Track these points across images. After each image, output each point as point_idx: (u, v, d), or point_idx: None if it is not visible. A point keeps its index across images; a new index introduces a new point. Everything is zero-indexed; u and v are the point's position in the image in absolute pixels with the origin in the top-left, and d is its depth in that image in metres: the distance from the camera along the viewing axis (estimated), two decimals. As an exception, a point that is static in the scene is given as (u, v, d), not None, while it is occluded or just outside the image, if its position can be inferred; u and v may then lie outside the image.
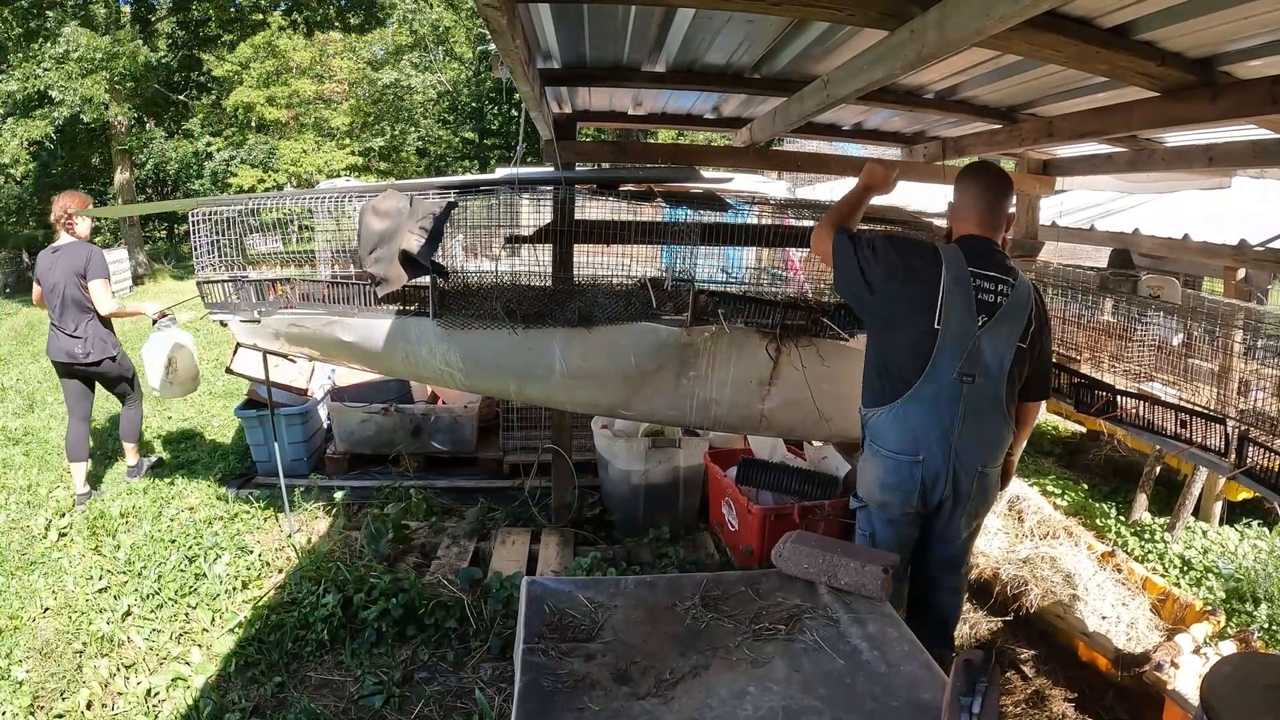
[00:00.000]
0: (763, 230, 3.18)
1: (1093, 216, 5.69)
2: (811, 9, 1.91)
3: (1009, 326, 2.13)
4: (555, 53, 2.86)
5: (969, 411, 2.12)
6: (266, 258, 3.38)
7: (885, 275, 2.16)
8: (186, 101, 17.82)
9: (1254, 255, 3.82)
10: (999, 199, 2.23)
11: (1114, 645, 2.80)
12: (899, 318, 2.16)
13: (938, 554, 2.35)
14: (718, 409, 3.14)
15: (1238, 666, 1.69)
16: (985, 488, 2.23)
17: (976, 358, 2.10)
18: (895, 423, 2.17)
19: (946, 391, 2.11)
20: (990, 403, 2.14)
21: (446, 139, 21.85)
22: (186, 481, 4.49)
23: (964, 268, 2.11)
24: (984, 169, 2.30)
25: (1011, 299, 2.13)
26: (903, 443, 2.17)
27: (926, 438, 2.14)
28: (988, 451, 2.19)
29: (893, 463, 2.19)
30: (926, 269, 2.13)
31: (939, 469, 2.15)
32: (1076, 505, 4.33)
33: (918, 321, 2.11)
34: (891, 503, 2.24)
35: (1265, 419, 2.30)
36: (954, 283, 2.10)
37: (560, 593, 1.90)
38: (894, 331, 2.19)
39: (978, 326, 2.10)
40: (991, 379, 2.13)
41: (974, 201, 2.23)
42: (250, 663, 2.80)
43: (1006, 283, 2.13)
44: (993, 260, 2.16)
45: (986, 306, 2.11)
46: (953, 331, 2.09)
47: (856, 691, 1.56)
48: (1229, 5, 1.67)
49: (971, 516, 2.28)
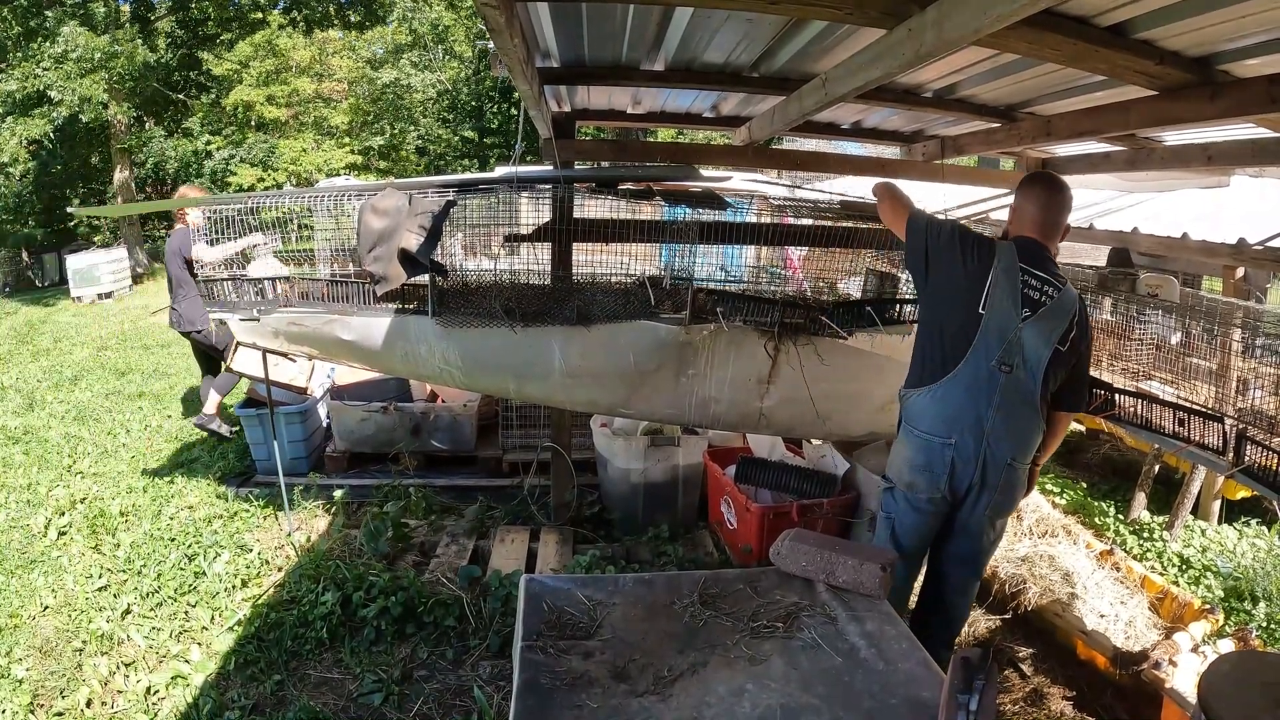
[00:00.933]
0: (762, 229, 3.18)
1: (1091, 215, 5.68)
2: (810, 8, 1.90)
3: (1051, 325, 2.19)
4: (554, 51, 2.86)
5: (1004, 401, 2.18)
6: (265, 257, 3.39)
7: (947, 260, 2.28)
8: (186, 100, 17.80)
9: (1253, 254, 3.81)
10: (1057, 209, 2.32)
11: (1112, 643, 2.80)
12: (950, 300, 2.26)
13: (955, 548, 2.38)
14: (716, 407, 3.14)
15: (1236, 665, 1.70)
16: (1012, 483, 2.26)
17: (1017, 348, 2.17)
18: (933, 404, 2.25)
19: (985, 377, 2.18)
20: (1025, 396, 2.20)
21: (446, 138, 21.83)
22: (186, 480, 4.50)
23: (1015, 261, 2.20)
24: (1048, 179, 2.40)
25: (1057, 301, 2.20)
26: (937, 424, 2.24)
27: (961, 421, 2.20)
28: (1018, 445, 2.23)
29: (924, 443, 2.26)
30: (980, 257, 2.23)
31: (970, 454, 2.21)
32: (1075, 504, 4.33)
33: (966, 305, 2.21)
34: (919, 484, 2.29)
35: (1263, 417, 2.30)
36: (1003, 273, 2.19)
37: (559, 591, 1.90)
38: (942, 313, 2.29)
39: (1020, 318, 2.17)
40: (1029, 372, 2.18)
41: (1033, 207, 2.32)
42: (250, 661, 2.80)
43: (1054, 285, 2.21)
44: (1044, 263, 2.25)
45: (1031, 301, 2.18)
46: (996, 319, 2.17)
47: (854, 689, 1.56)
48: (1227, 4, 1.67)
49: (995, 512, 2.31)
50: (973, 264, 2.23)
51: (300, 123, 18.10)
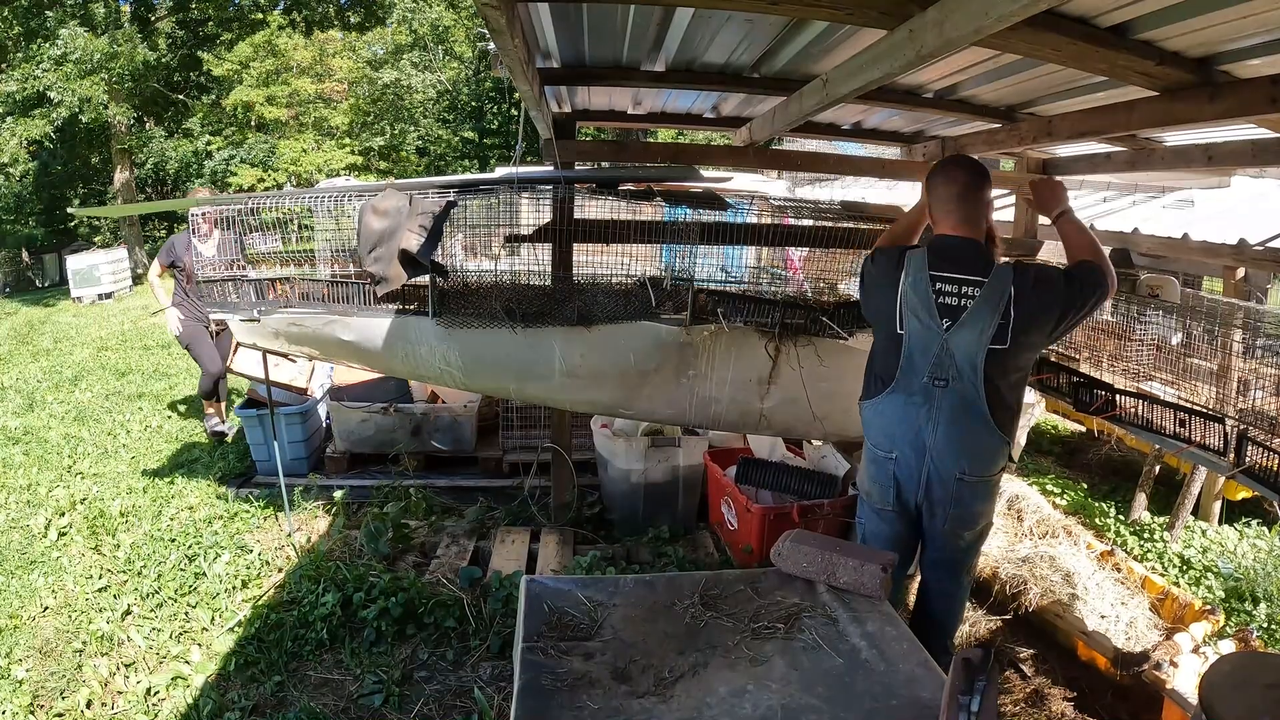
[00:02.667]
0: (762, 229, 3.18)
1: (1092, 215, 5.70)
2: (810, 8, 1.90)
3: (978, 327, 2.06)
4: (554, 52, 2.86)
5: (944, 416, 2.11)
6: (266, 257, 3.38)
7: (866, 286, 2.30)
8: (186, 101, 17.80)
9: (1253, 254, 3.82)
10: (971, 193, 2.16)
11: (1113, 644, 2.80)
12: (877, 324, 2.27)
13: (929, 555, 2.37)
14: (717, 408, 3.14)
15: (1237, 666, 1.69)
16: (965, 496, 2.16)
17: (947, 361, 2.08)
18: (876, 417, 2.25)
19: (920, 392, 2.13)
20: (968, 408, 2.10)
21: (446, 138, 21.82)
22: (186, 481, 4.49)
23: (923, 271, 2.10)
24: (953, 165, 2.24)
25: (981, 299, 2.05)
26: (879, 438, 2.24)
27: (900, 436, 2.18)
28: (968, 458, 2.13)
29: (872, 455, 2.28)
30: (889, 275, 2.19)
31: (912, 469, 2.17)
32: (1076, 504, 4.33)
33: (885, 325, 2.20)
34: (874, 494, 2.31)
35: (1264, 418, 2.30)
36: (910, 288, 2.12)
37: (560, 592, 1.90)
38: (878, 336, 2.28)
39: (943, 330, 2.07)
40: (966, 383, 2.08)
41: (944, 201, 2.18)
42: (250, 661, 2.80)
43: (974, 283, 2.06)
44: (962, 260, 2.10)
45: (949, 309, 2.07)
46: (915, 335, 2.11)
47: (855, 690, 1.56)
48: (1228, 4, 1.67)
49: (956, 524, 2.22)
50: (885, 284, 2.18)
51: (300, 123, 18.09)
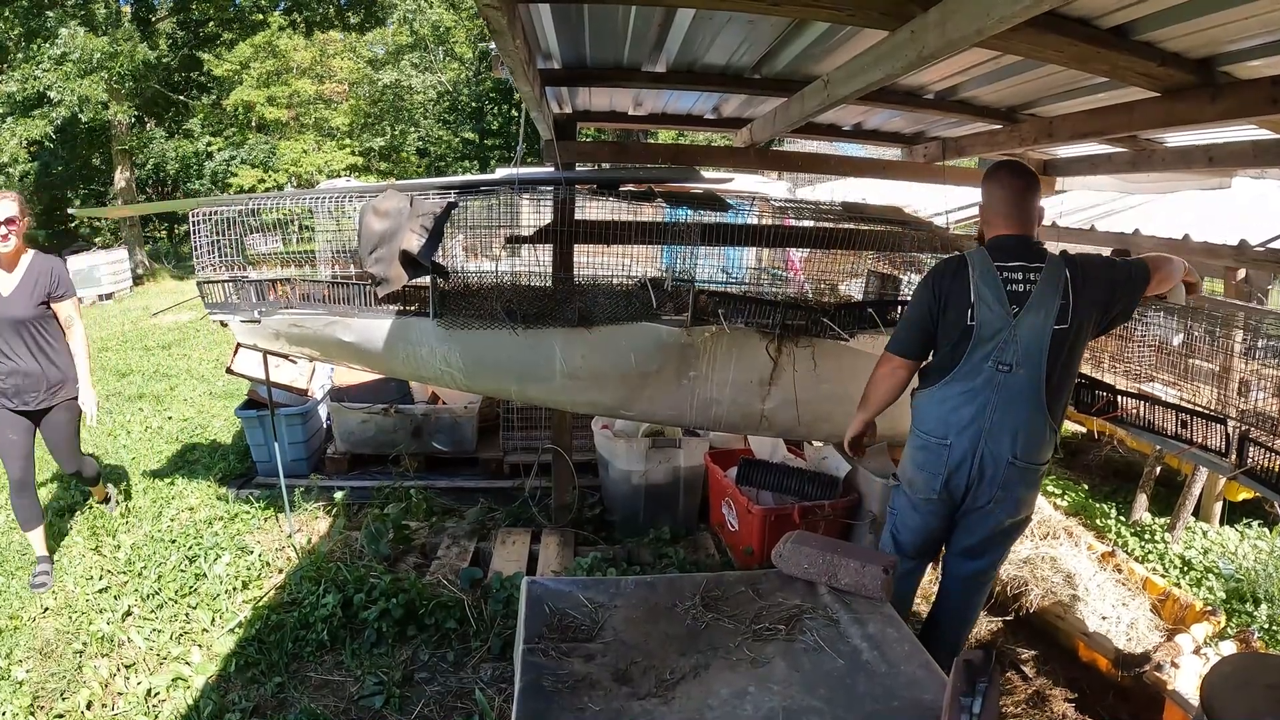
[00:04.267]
0: (763, 230, 3.18)
1: (1093, 217, 5.69)
2: (812, 9, 1.91)
3: (1044, 310, 2.17)
4: (555, 53, 2.86)
5: (1003, 400, 2.18)
6: (267, 258, 3.38)
7: (931, 297, 2.28)
8: (186, 101, 17.81)
9: (1254, 255, 3.81)
10: (1025, 196, 2.28)
11: (1114, 645, 2.79)
12: (946, 328, 2.27)
13: (964, 544, 2.39)
14: (718, 409, 3.14)
15: (1238, 667, 1.69)
16: (1014, 481, 2.23)
17: (1014, 346, 2.17)
18: (933, 405, 2.28)
19: (982, 379, 2.19)
20: (1027, 394, 2.18)
21: (447, 139, 21.82)
22: (186, 482, 4.49)
23: (989, 264, 2.20)
24: (1007, 169, 2.34)
25: (1042, 284, 2.17)
26: (934, 425, 2.27)
27: (956, 423, 2.23)
28: (1021, 444, 2.21)
29: (923, 442, 2.30)
30: (957, 278, 2.23)
31: (965, 453, 2.22)
32: (1077, 505, 4.33)
33: (958, 323, 2.22)
34: (918, 483, 2.33)
35: (1265, 419, 2.29)
36: (981, 280, 2.19)
37: (561, 593, 1.90)
38: (942, 340, 2.29)
39: (1012, 316, 2.16)
40: (1032, 366, 2.17)
41: (999, 203, 2.29)
42: (250, 663, 2.80)
43: (1035, 269, 2.18)
44: (1020, 252, 2.21)
45: (1018, 296, 2.17)
46: (986, 323, 2.18)
47: (857, 692, 1.56)
48: (1229, 5, 1.67)
49: (997, 506, 2.26)
50: (953, 288, 2.24)
51: (301, 124, 18.09)
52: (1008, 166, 2.35)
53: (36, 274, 3.27)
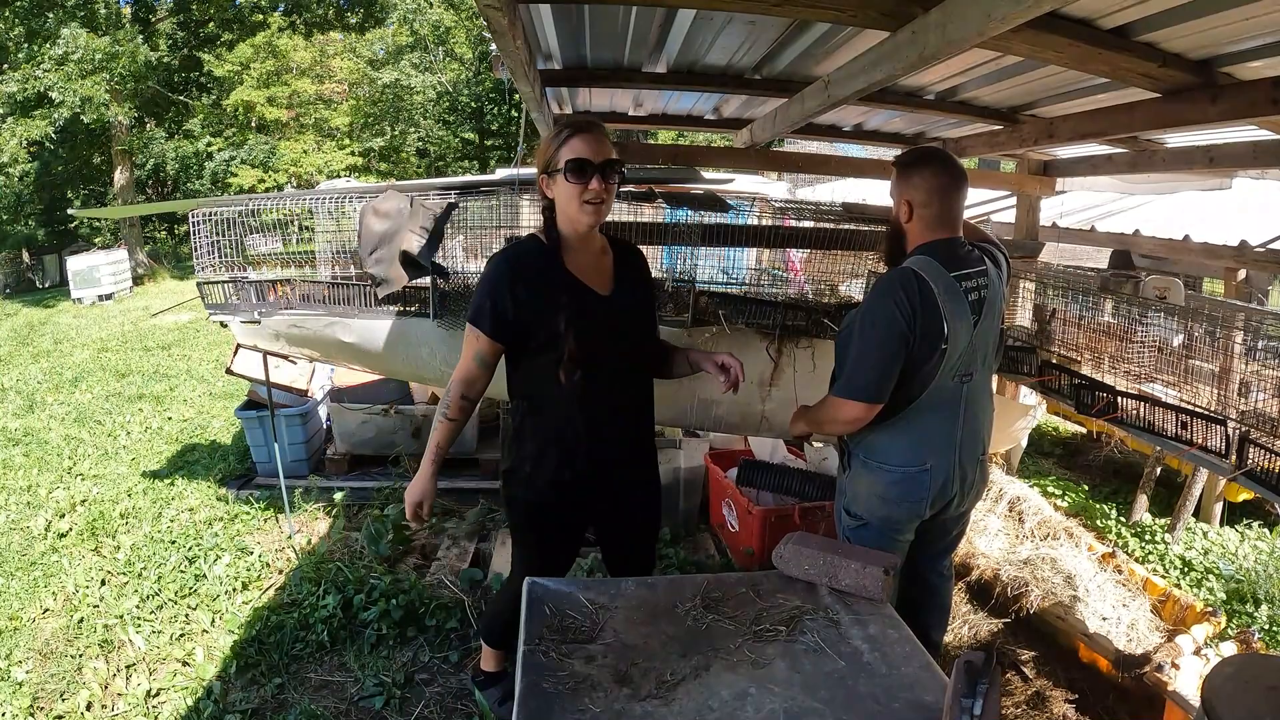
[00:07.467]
0: (763, 231, 3.17)
1: (1093, 217, 5.69)
2: (813, 10, 1.91)
3: (993, 314, 2.11)
4: (556, 53, 2.86)
5: (969, 408, 2.12)
6: (267, 258, 3.38)
7: (905, 344, 1.98)
8: (186, 101, 17.83)
9: (1254, 256, 3.82)
10: (963, 191, 2.06)
11: (1114, 646, 2.79)
12: (918, 357, 2.01)
13: (935, 545, 2.34)
14: (718, 409, 3.14)
15: (1239, 668, 1.69)
16: (983, 474, 2.26)
17: (974, 355, 2.09)
18: (899, 436, 2.09)
19: (949, 396, 2.08)
20: (984, 393, 2.19)
21: (446, 139, 21.83)
22: (186, 482, 4.49)
23: (946, 276, 1.98)
24: (940, 160, 2.06)
25: (989, 282, 2.07)
26: (906, 456, 2.09)
27: (933, 445, 2.09)
28: (984, 440, 2.22)
29: (897, 475, 2.10)
30: (923, 299, 1.96)
31: (947, 470, 2.11)
32: (1077, 506, 4.33)
33: (932, 348, 1.99)
34: (898, 516, 2.15)
35: (1266, 420, 2.29)
36: (947, 296, 1.97)
37: (561, 594, 1.89)
38: (914, 365, 2.02)
39: (973, 326, 2.05)
40: (985, 367, 2.16)
41: (940, 199, 2.02)
42: (250, 664, 2.80)
43: (980, 272, 2.06)
44: (965, 257, 2.05)
45: (976, 305, 2.03)
46: (959, 340, 2.02)
47: (858, 693, 1.55)
48: (1229, 6, 1.67)
49: (972, 503, 2.30)
50: (926, 311, 1.96)
51: (301, 124, 18.09)
52: (940, 157, 2.07)
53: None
